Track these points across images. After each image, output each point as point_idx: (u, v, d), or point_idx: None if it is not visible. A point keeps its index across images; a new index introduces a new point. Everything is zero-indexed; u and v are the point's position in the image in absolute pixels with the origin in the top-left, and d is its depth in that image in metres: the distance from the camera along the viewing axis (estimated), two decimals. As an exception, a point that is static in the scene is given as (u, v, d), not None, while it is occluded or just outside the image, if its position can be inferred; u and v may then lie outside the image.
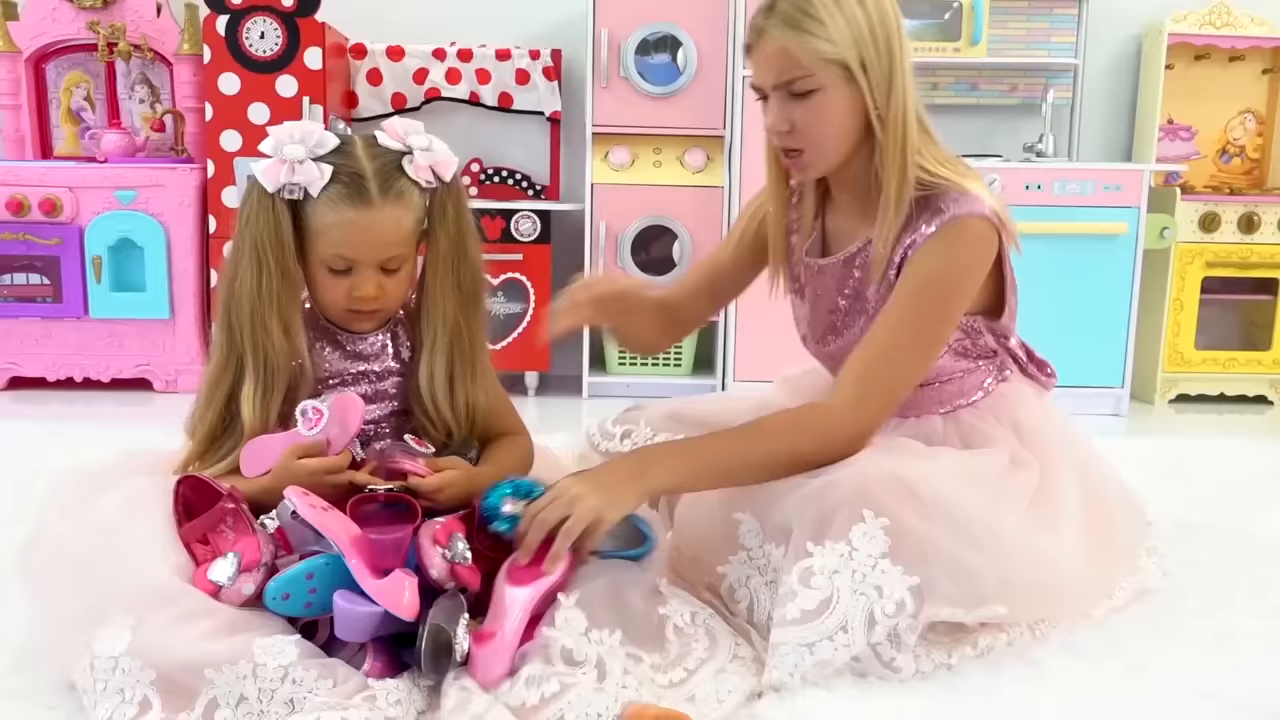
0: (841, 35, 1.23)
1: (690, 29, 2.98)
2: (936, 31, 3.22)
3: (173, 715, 1.03)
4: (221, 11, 2.92)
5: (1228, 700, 1.17)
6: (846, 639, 1.14)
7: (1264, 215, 3.10)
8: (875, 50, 1.25)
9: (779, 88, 1.28)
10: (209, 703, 1.03)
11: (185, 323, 3.02)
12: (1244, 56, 3.34)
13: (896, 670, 1.17)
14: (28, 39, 3.11)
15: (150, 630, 1.05)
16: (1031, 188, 2.95)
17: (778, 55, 1.26)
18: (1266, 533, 1.81)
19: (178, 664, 1.04)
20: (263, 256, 1.24)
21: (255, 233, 1.24)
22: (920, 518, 1.18)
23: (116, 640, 1.05)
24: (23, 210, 2.89)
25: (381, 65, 3.25)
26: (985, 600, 1.20)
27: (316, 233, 1.25)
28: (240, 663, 1.03)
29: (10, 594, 1.31)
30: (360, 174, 1.24)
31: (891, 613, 1.14)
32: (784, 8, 1.25)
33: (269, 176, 1.22)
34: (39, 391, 3.00)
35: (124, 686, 1.04)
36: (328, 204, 1.23)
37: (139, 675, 1.04)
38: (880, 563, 1.15)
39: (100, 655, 1.04)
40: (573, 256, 3.19)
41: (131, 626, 1.05)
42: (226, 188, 2.97)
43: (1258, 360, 3.20)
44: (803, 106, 1.27)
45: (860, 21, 1.24)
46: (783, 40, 1.25)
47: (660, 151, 3.08)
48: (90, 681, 1.05)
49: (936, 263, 1.27)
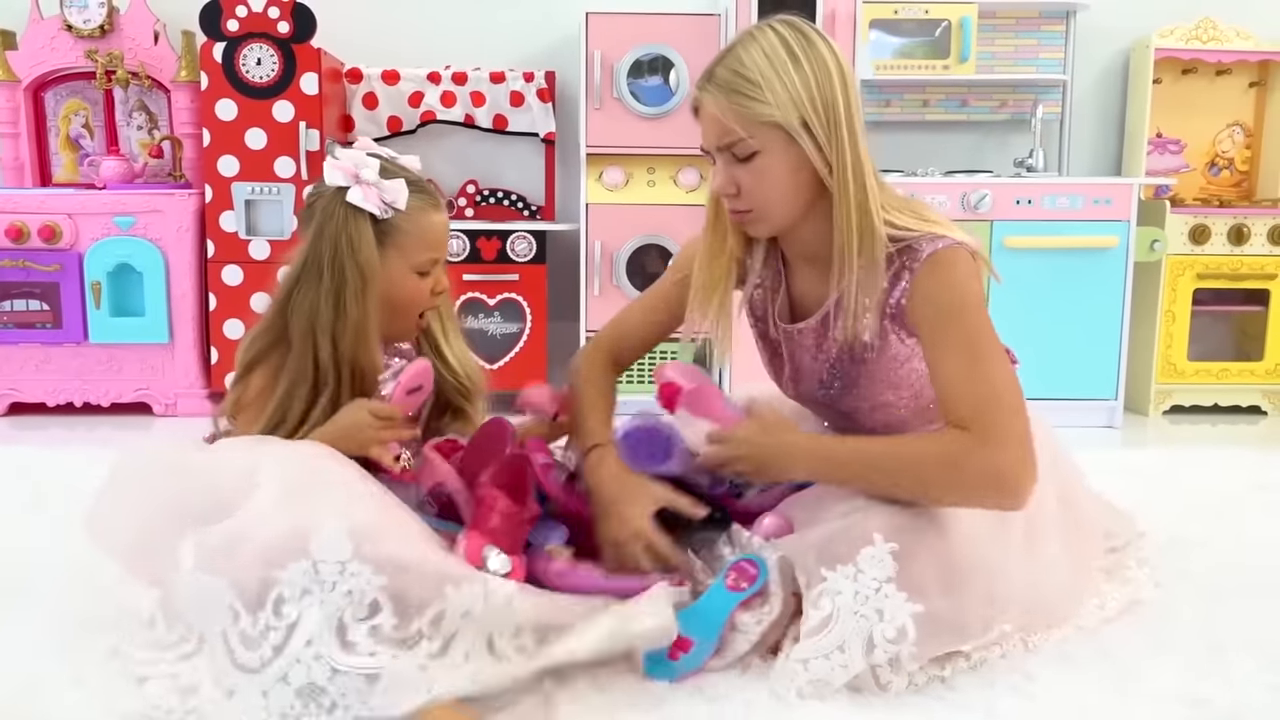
0: (778, 98, 1.24)
1: (682, 50, 3.01)
2: (926, 49, 3.25)
3: (404, 622, 1.09)
4: (218, 39, 2.95)
5: (1219, 711, 1.19)
6: (843, 659, 1.15)
7: (1253, 227, 3.13)
8: (815, 110, 1.24)
9: (721, 150, 1.30)
10: (436, 615, 1.10)
11: (184, 347, 3.03)
12: (1231, 70, 3.37)
13: (887, 690, 1.18)
14: (26, 68, 3.14)
15: (373, 536, 1.11)
16: (1022, 202, 2.98)
17: (716, 120, 1.28)
18: (1258, 543, 1.82)
19: (410, 571, 1.11)
20: (369, 278, 1.33)
21: (363, 257, 1.32)
22: (931, 550, 1.20)
23: (339, 545, 1.09)
24: (22, 237, 2.91)
25: (377, 89, 3.29)
26: (992, 625, 1.22)
27: (408, 239, 1.36)
28: (476, 583, 1.13)
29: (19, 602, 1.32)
30: (420, 181, 1.38)
31: (892, 637, 1.15)
32: (721, 74, 1.27)
33: (370, 201, 1.31)
34: (39, 417, 3.02)
35: (352, 589, 1.08)
36: (417, 212, 1.36)
37: (370, 579, 1.09)
38: (884, 587, 1.16)
39: (325, 559, 1.09)
40: (568, 276, 3.21)
41: (351, 533, 1.10)
42: (224, 212, 2.99)
43: (1250, 371, 3.22)
44: (746, 169, 1.29)
45: (797, 84, 1.24)
46: (719, 106, 1.27)
47: (654, 171, 3.10)
48: (309, 583, 1.08)
49: (942, 295, 1.26)
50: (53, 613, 1.41)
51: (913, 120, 3.41)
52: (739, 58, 1.26)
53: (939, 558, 1.20)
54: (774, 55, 1.24)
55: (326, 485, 1.19)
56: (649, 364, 3.13)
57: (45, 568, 1.44)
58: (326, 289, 1.32)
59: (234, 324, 3.02)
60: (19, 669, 1.26)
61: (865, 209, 1.26)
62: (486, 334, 3.10)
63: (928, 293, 1.27)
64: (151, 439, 2.82)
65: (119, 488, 1.36)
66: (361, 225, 1.32)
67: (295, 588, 1.09)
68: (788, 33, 1.26)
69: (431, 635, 1.10)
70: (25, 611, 1.43)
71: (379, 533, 1.13)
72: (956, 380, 1.25)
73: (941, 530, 1.22)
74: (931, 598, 1.17)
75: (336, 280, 1.31)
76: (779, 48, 1.24)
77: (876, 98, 3.35)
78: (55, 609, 1.42)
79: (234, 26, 2.94)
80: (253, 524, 1.15)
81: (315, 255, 1.33)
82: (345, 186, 1.32)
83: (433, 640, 1.10)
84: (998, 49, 3.35)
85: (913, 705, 1.18)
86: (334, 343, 1.33)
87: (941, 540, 1.21)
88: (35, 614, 1.42)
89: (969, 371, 1.24)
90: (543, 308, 3.11)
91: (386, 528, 1.15)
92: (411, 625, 1.10)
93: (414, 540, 1.18)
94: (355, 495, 1.20)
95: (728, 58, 1.27)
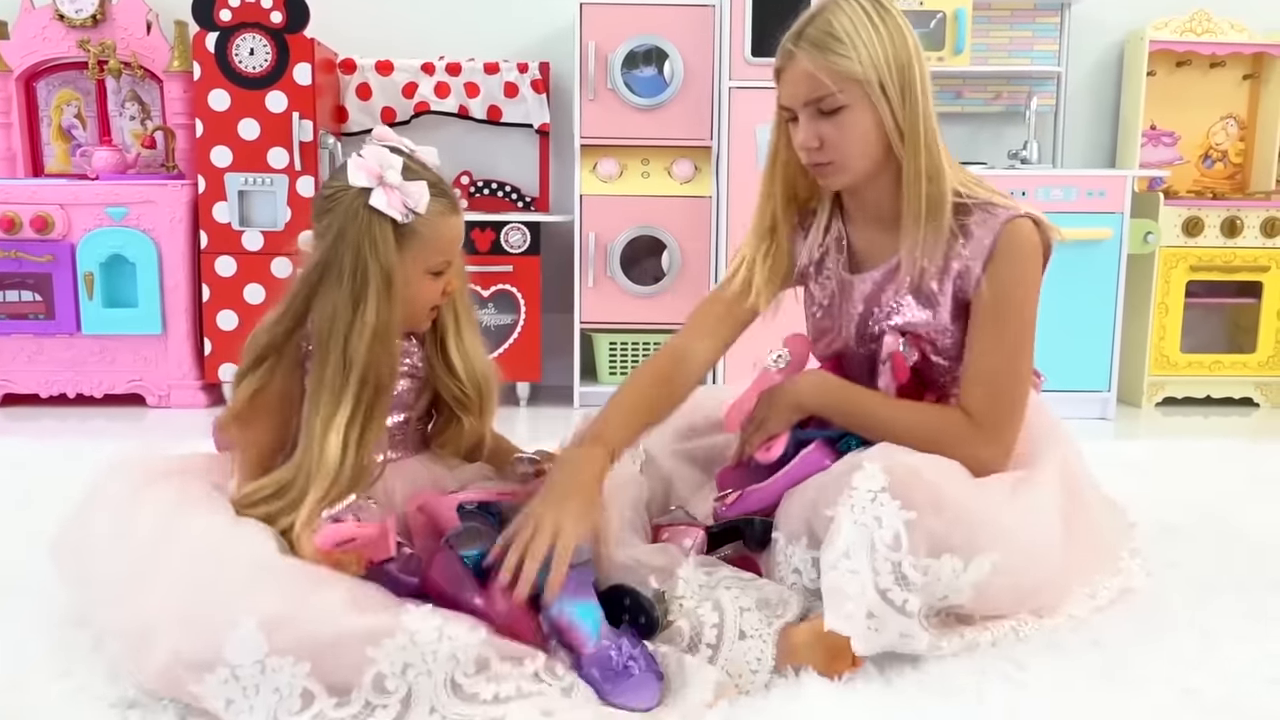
0: (863, 57, 1.33)
1: (676, 41, 3.01)
2: (921, 41, 3.24)
3: (343, 698, 1.05)
4: (211, 29, 2.94)
5: (1209, 700, 1.19)
6: (850, 565, 1.18)
7: (1246, 219, 3.13)
8: (892, 73, 1.33)
9: (808, 105, 1.37)
10: (375, 678, 1.06)
11: (177, 338, 3.03)
12: (1225, 62, 3.38)
13: (910, 615, 1.19)
14: (18, 57, 3.13)
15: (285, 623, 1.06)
16: (1016, 194, 2.93)
17: (806, 76, 1.35)
18: (1250, 533, 1.83)
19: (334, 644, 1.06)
20: (392, 281, 1.28)
21: (386, 260, 1.27)
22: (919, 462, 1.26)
23: (253, 644, 1.05)
24: (14, 228, 2.90)
25: (371, 80, 3.28)
26: (981, 548, 1.24)
27: (425, 244, 1.31)
28: (396, 635, 1.06)
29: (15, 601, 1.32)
30: (440, 183, 1.34)
31: (890, 543, 1.19)
32: (811, 32, 1.35)
33: (394, 206, 1.27)
34: (32, 408, 3.01)
35: (278, 685, 1.05)
36: (437, 216, 1.32)
37: (292, 671, 1.05)
38: (879, 496, 1.21)
39: (241, 663, 1.05)
40: (563, 267, 3.21)
41: (262, 625, 1.05)
42: (217, 203, 2.98)
43: (1243, 363, 3.23)
44: (831, 123, 1.36)
45: (878, 46, 1.33)
46: (810, 62, 1.34)
47: (648, 162, 3.10)
48: (232, 692, 1.05)
49: (1009, 282, 1.36)
50: (40, 605, 1.41)
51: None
52: (828, 20, 1.35)
53: (926, 474, 1.25)
54: (858, 19, 1.34)
55: (232, 569, 1.13)
56: (635, 356, 3.14)
57: (34, 561, 1.44)
58: (347, 293, 1.27)
59: (227, 315, 3.02)
60: (6, 661, 1.26)
61: (935, 173, 1.35)
62: (481, 325, 3.09)
63: (998, 274, 1.36)
64: (146, 435, 2.81)
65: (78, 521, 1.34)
66: (384, 228, 1.27)
67: (219, 700, 1.06)
68: (868, 1, 1.36)
69: (382, 701, 1.06)
70: (13, 604, 1.43)
71: (292, 613, 1.07)
72: (988, 369, 1.37)
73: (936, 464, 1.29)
74: (920, 507, 1.21)
75: (359, 284, 1.26)
76: (861, 13, 1.34)
77: (871, 89, 3.34)
78: (43, 601, 1.41)
79: (226, 16, 2.93)
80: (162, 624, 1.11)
81: (336, 257, 1.27)
82: (368, 188, 1.27)
83: (388, 707, 1.05)
84: (992, 41, 3.35)
85: (901, 691, 1.19)
86: (350, 351, 1.27)
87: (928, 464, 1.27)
88: (23, 606, 1.42)
89: (1004, 365, 1.37)
90: (537, 299, 3.10)
91: (299, 604, 1.09)
92: (355, 698, 1.06)
93: (332, 609, 1.09)
94: (261, 576, 1.13)
95: (817, 19, 1.36)
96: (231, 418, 1.32)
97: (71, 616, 1.35)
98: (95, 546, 1.28)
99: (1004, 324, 1.37)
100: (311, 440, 1.26)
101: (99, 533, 1.29)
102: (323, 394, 1.27)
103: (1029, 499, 1.33)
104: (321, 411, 1.26)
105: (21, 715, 1.14)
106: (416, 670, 1.06)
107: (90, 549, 1.29)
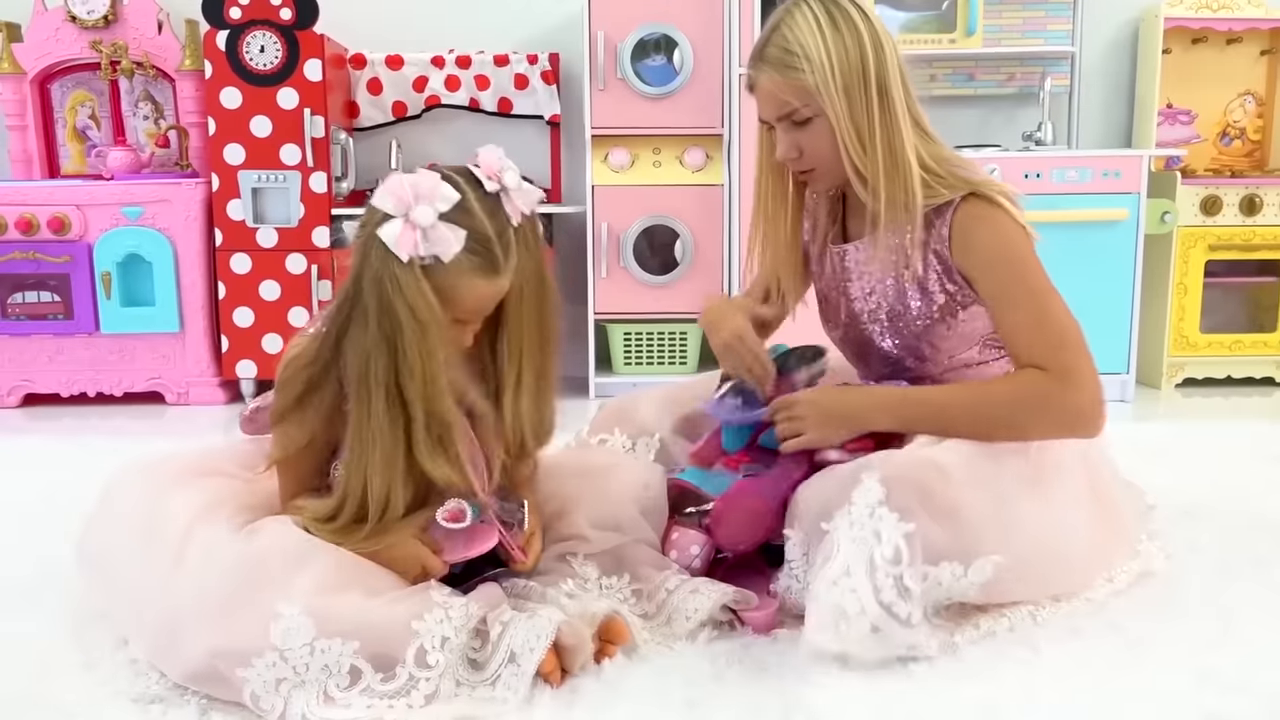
0: (816, 68, 1.35)
1: (686, 29, 3.00)
2: (932, 23, 3.22)
3: (388, 673, 1.09)
4: (221, 27, 2.95)
5: (1228, 682, 1.18)
6: (850, 583, 1.17)
7: (1266, 197, 3.10)
8: (839, 79, 1.36)
9: (781, 120, 1.41)
10: (418, 652, 1.11)
11: (195, 335, 3.05)
12: (1242, 38, 3.33)
13: (914, 626, 1.19)
14: (32, 60, 3.15)
15: (331, 607, 1.10)
16: (1031, 176, 2.95)
17: (772, 95, 1.40)
18: (1270, 515, 1.81)
19: (381, 624, 1.11)
20: (426, 322, 1.15)
21: (414, 300, 1.14)
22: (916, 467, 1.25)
23: (300, 629, 1.09)
24: (32, 229, 2.93)
25: (381, 74, 3.28)
26: (983, 551, 1.23)
27: (443, 293, 1.17)
28: (434, 609, 1.13)
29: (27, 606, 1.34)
30: (487, 240, 1.18)
31: (890, 557, 1.18)
32: (770, 51, 1.39)
33: (404, 247, 1.13)
34: (53, 407, 3.04)
35: (327, 663, 1.09)
36: (462, 273, 1.17)
37: (341, 650, 1.09)
38: (877, 510, 1.20)
39: (289, 647, 1.08)
40: (576, 258, 3.21)
41: (307, 611, 1.09)
42: (231, 201, 3.00)
43: (1264, 342, 3.20)
44: (804, 133, 1.40)
45: (829, 54, 1.36)
46: (773, 82, 1.39)
47: (659, 152, 3.09)
48: (283, 672, 1.09)
49: (990, 249, 1.38)
50: (65, 601, 1.43)
51: (919, 95, 3.38)
52: (783, 34, 1.38)
53: (923, 480, 1.23)
54: (809, 28, 1.36)
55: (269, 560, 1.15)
56: (654, 362, 3.13)
57: (59, 558, 1.46)
58: (375, 336, 1.15)
59: (243, 312, 3.04)
60: (32, 655, 1.28)
61: (893, 170, 1.37)
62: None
63: (973, 246, 1.38)
64: (166, 433, 2.83)
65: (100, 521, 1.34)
66: (404, 266, 1.14)
67: (267, 682, 1.09)
68: (821, 6, 1.38)
69: (424, 674, 1.10)
70: (38, 599, 1.45)
71: (337, 600, 1.12)
72: (1025, 327, 1.36)
73: (927, 458, 1.27)
74: (924, 522, 1.20)
75: (389, 327, 1.15)
76: (813, 21, 1.36)
77: (883, 73, 3.32)
78: (67, 597, 1.43)
79: (236, 14, 2.94)
80: (197, 619, 1.13)
81: (357, 294, 1.17)
82: (389, 215, 1.15)
83: (429, 680, 1.10)
84: (1005, 22, 3.32)
85: (917, 676, 1.18)
86: (401, 394, 1.17)
87: (926, 466, 1.26)
88: (48, 602, 1.44)
89: (1037, 318, 1.36)
90: (550, 291, 3.10)
91: (344, 588, 1.14)
92: (400, 672, 1.10)
93: (374, 589, 1.15)
94: (298, 564, 1.15)
95: (774, 35, 1.39)
96: (274, 463, 1.28)
97: (96, 612, 1.37)
98: (120, 545, 1.29)
99: (1008, 285, 1.38)
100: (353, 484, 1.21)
101: (124, 532, 1.29)
102: (366, 436, 1.19)
103: (1046, 487, 1.33)
104: (363, 456, 1.19)
105: (46, 709, 1.15)
106: (450, 645, 1.12)
107: (114, 547, 1.30)
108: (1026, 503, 1.30)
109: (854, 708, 1.13)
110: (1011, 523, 1.27)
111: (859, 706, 1.13)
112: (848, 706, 1.13)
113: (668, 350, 3.19)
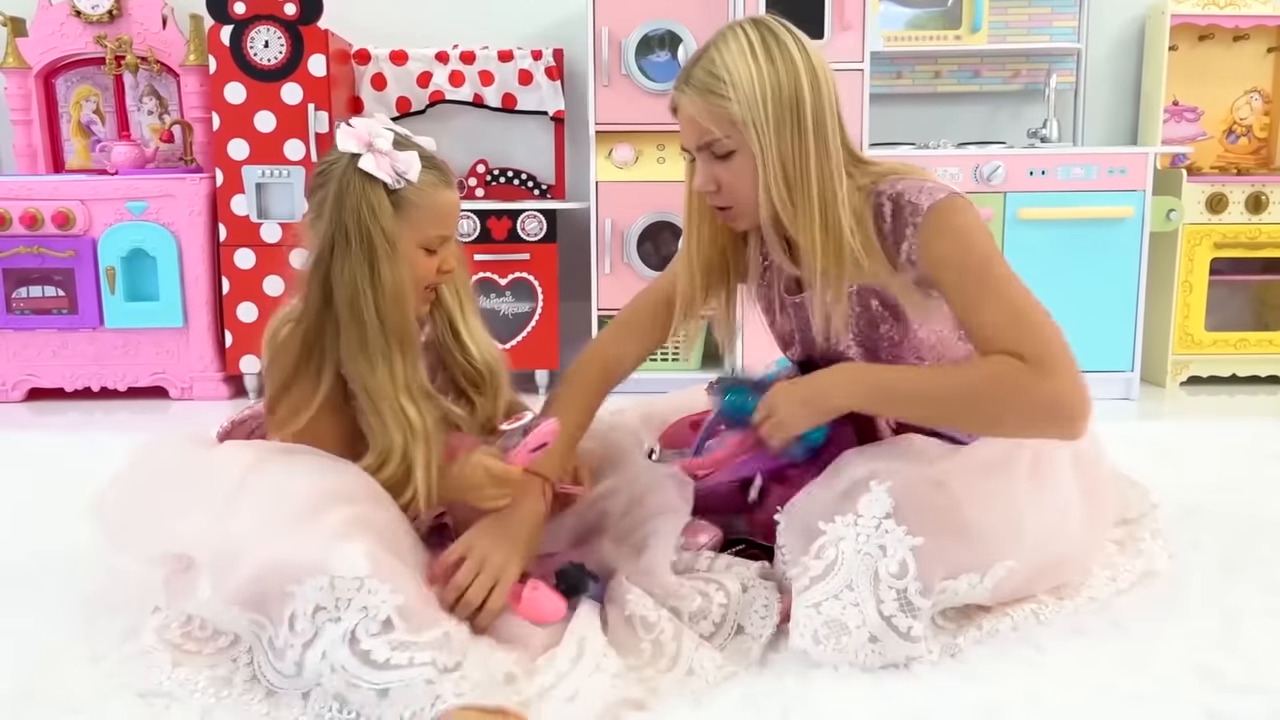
0: (743, 98, 1.25)
1: (690, 25, 2.99)
2: (938, 20, 3.22)
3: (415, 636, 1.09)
4: (226, 22, 2.95)
5: (1231, 682, 1.18)
6: (853, 597, 1.17)
7: (1272, 195, 3.08)
8: (769, 112, 1.25)
9: (700, 149, 1.32)
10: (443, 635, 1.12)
11: (199, 330, 3.05)
12: (1248, 35, 3.32)
13: (914, 640, 1.18)
14: (37, 54, 3.15)
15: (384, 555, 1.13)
16: (1036, 173, 2.94)
17: (693, 121, 1.30)
18: (1274, 514, 1.80)
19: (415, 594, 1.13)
20: (395, 244, 1.28)
21: (386, 224, 1.27)
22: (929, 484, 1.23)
23: (357, 560, 1.10)
24: (36, 224, 2.93)
25: (385, 70, 3.28)
26: (999, 557, 1.23)
27: (418, 215, 1.30)
28: None
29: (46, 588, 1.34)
30: (431, 157, 1.33)
31: (895, 572, 1.17)
32: (696, 74, 1.29)
33: (382, 169, 1.27)
34: (57, 402, 3.04)
35: (367, 605, 1.08)
36: (429, 188, 1.31)
37: (387, 597, 1.09)
38: (884, 523, 1.19)
39: (343, 574, 1.09)
40: (579, 255, 3.21)
41: (368, 554, 1.11)
42: (235, 196, 3.00)
43: (1269, 341, 3.19)
44: (724, 167, 1.31)
45: (757, 84, 1.25)
46: (695, 107, 1.29)
47: (664, 148, 3.09)
48: (324, 599, 1.09)
49: (957, 253, 1.27)
50: (70, 594, 1.43)
51: (924, 92, 3.38)
52: (712, 58, 1.28)
53: (936, 498, 1.22)
54: (741, 55, 1.26)
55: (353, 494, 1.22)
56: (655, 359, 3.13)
57: (64, 552, 1.47)
58: (359, 259, 1.27)
59: (247, 307, 3.04)
60: (39, 647, 1.29)
61: (824, 229, 1.28)
62: (498, 314, 3.11)
63: (941, 255, 1.27)
64: (171, 426, 2.84)
65: (132, 476, 1.34)
66: (379, 192, 1.27)
67: (309, 603, 1.09)
68: (756, 33, 1.28)
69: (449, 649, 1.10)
70: (43, 592, 1.46)
71: (390, 558, 1.15)
72: (999, 325, 1.25)
73: (939, 475, 1.25)
74: (931, 534, 1.18)
75: (368, 249, 1.27)
76: (746, 47, 1.26)
77: (887, 70, 3.31)
78: (72, 590, 1.44)
79: (241, 9, 2.93)
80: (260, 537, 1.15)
81: (340, 224, 1.28)
82: (358, 154, 1.28)
83: (451, 653, 1.10)
84: (1010, 18, 3.31)
85: (922, 677, 1.18)
86: (379, 315, 1.28)
87: (940, 484, 1.24)
88: (53, 595, 1.44)
89: (1009, 317, 1.25)
90: (554, 287, 3.10)
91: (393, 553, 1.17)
92: (423, 637, 1.10)
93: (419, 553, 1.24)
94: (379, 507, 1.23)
95: (702, 59, 1.30)
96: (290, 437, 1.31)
97: (102, 605, 1.37)
98: (165, 489, 1.28)
99: (976, 288, 1.26)
100: (384, 415, 1.29)
101: (169, 480, 1.30)
102: (375, 363, 1.28)
103: (1040, 481, 1.32)
104: (381, 382, 1.28)
105: (52, 701, 1.16)
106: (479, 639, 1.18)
107: (159, 494, 1.29)
108: (1033, 506, 1.29)
109: (855, 707, 1.13)
110: (1021, 528, 1.26)
111: (860, 706, 1.13)
112: (848, 706, 1.13)
113: (669, 348, 3.19)
